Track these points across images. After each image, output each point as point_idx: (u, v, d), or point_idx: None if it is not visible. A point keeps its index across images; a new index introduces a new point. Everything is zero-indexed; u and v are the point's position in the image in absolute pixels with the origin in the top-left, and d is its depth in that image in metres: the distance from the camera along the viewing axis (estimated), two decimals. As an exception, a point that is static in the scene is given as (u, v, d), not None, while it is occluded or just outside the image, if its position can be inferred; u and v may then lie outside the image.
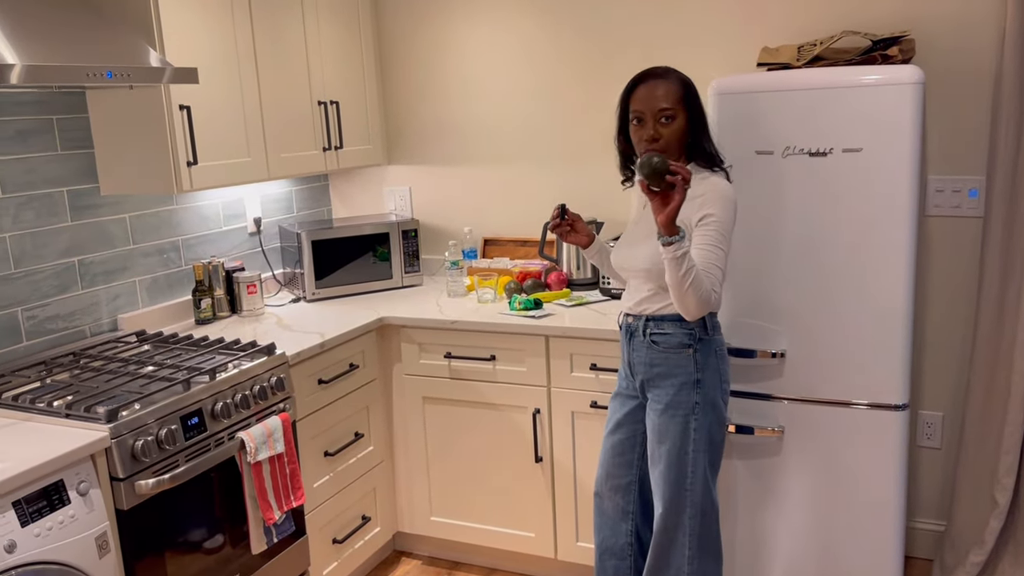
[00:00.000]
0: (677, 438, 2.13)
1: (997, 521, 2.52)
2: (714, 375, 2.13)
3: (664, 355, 2.14)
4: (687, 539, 2.18)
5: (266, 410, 2.39)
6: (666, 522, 2.18)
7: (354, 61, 3.31)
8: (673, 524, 2.18)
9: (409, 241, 3.31)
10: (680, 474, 2.14)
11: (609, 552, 2.37)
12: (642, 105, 2.09)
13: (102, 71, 2.09)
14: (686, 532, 2.18)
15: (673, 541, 2.19)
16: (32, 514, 1.77)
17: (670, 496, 2.16)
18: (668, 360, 2.13)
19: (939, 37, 2.66)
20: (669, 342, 2.13)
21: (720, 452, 2.21)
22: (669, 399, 2.14)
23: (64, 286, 2.56)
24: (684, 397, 2.12)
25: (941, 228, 2.77)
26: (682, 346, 2.12)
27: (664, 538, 2.20)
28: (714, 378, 2.13)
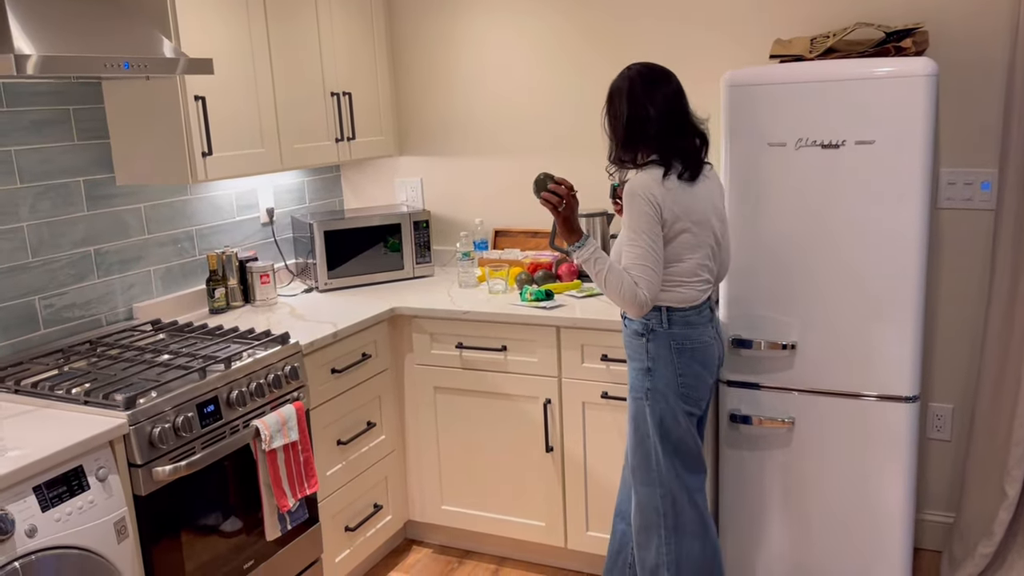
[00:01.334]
0: (638, 420, 2.26)
1: (1006, 513, 2.53)
2: (667, 367, 2.18)
3: (628, 340, 2.27)
4: (661, 519, 2.28)
5: (280, 399, 2.41)
6: (639, 500, 2.30)
7: (366, 52, 3.32)
8: (646, 503, 2.29)
9: (420, 232, 3.33)
10: (645, 455, 2.26)
11: (620, 515, 2.48)
12: None
13: (119, 62, 2.11)
14: (659, 512, 2.27)
15: (649, 521, 2.29)
16: (52, 499, 1.80)
17: (640, 476, 2.28)
18: (630, 345, 2.26)
19: (952, 29, 2.65)
20: (630, 329, 2.25)
21: (683, 442, 2.24)
22: (631, 382, 2.27)
23: (80, 275, 2.59)
24: (639, 382, 2.24)
25: (953, 221, 2.77)
26: (637, 335, 2.22)
27: (640, 517, 2.30)
28: (667, 371, 2.18)
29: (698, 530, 2.28)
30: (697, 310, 2.20)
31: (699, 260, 2.16)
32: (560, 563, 3.00)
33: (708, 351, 2.22)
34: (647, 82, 2.13)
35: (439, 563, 3.06)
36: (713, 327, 2.26)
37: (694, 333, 2.19)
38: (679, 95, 2.16)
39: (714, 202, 2.21)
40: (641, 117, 2.12)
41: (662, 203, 2.08)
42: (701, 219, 2.15)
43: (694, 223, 2.13)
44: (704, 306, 2.22)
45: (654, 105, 2.11)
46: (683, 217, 2.11)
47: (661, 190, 2.09)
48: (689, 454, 2.26)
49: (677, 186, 2.11)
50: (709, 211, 2.18)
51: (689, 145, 2.16)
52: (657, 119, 2.11)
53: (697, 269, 2.17)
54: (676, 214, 2.10)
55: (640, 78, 2.14)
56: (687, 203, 2.11)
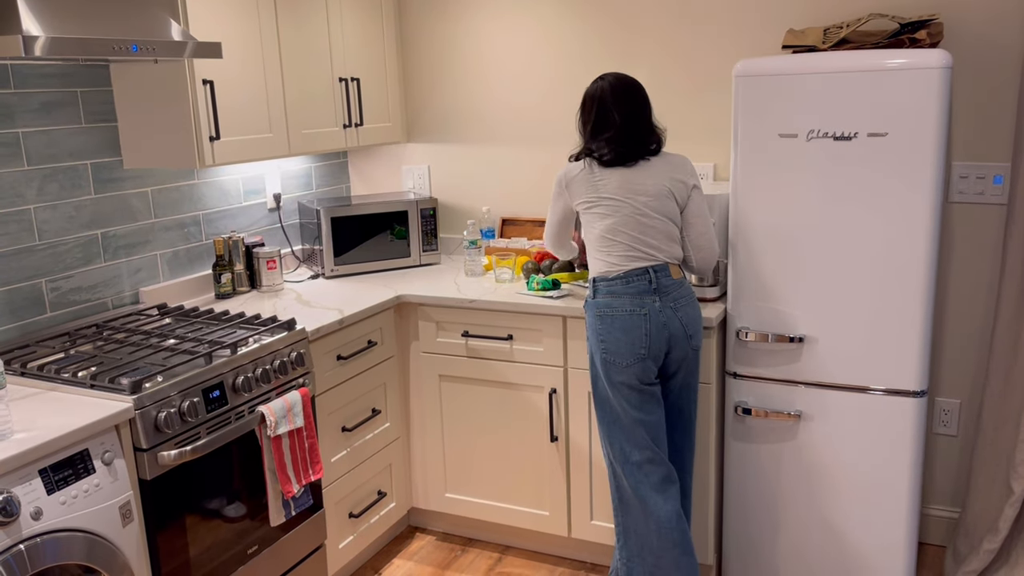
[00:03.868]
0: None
1: (1012, 509, 2.52)
2: (594, 335, 2.35)
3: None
4: (613, 488, 2.43)
5: (286, 385, 2.41)
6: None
7: (375, 38, 3.30)
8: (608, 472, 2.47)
9: (427, 220, 3.32)
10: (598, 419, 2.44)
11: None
12: None
13: (127, 44, 2.10)
14: (610, 483, 2.44)
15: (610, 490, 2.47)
16: (58, 482, 1.80)
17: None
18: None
19: (967, 21, 2.62)
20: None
21: (612, 411, 2.34)
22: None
23: (87, 258, 2.59)
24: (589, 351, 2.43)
25: (964, 215, 2.75)
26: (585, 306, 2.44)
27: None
28: (593, 337, 2.35)
29: (636, 506, 2.35)
30: (624, 280, 2.30)
31: (609, 226, 2.32)
32: (564, 552, 3.00)
33: (634, 320, 2.28)
34: (616, 94, 2.36)
35: (442, 551, 3.07)
36: (662, 301, 2.29)
37: (616, 302, 2.31)
38: (642, 109, 2.37)
39: (642, 180, 2.33)
40: (605, 125, 2.36)
41: (569, 185, 2.42)
42: (615, 195, 2.33)
43: (605, 198, 2.33)
44: (636, 276, 2.29)
45: (618, 115, 2.35)
46: (591, 193, 2.36)
47: (571, 175, 2.41)
48: (617, 424, 2.34)
49: (591, 170, 2.37)
50: (629, 187, 2.32)
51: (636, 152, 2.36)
52: (617, 126, 2.35)
53: (606, 234, 2.33)
54: (582, 192, 2.38)
55: (611, 89, 2.37)
56: (598, 183, 2.35)
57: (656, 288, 2.29)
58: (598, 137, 2.37)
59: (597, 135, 2.37)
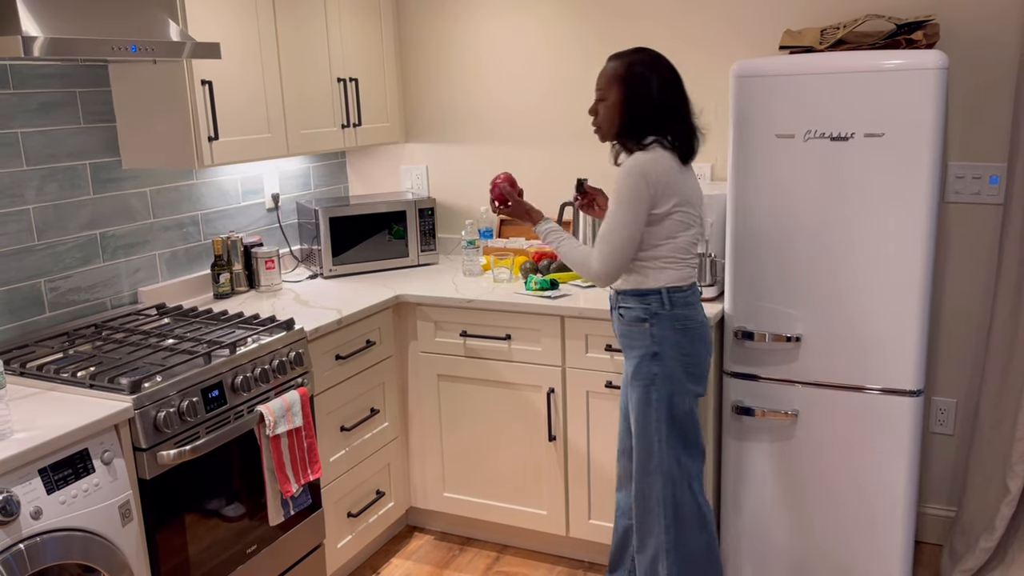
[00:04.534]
0: (641, 407, 2.25)
1: (1008, 508, 2.53)
2: (673, 349, 2.21)
3: (627, 328, 2.26)
4: (661, 508, 2.28)
5: (285, 384, 2.41)
6: (640, 487, 2.31)
7: (373, 38, 3.31)
8: (648, 492, 2.29)
9: (425, 219, 3.32)
10: (648, 442, 2.26)
11: (621, 511, 2.50)
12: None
13: (126, 45, 2.10)
14: (659, 501, 2.28)
15: (649, 509, 2.30)
16: (57, 482, 1.81)
17: (640, 463, 2.29)
18: (631, 333, 2.25)
19: (963, 22, 2.63)
20: (630, 316, 2.25)
21: (688, 424, 2.27)
22: (632, 369, 2.26)
23: (86, 258, 2.59)
24: (644, 369, 2.23)
25: (960, 215, 2.76)
26: (639, 320, 2.22)
27: (641, 504, 2.31)
28: (673, 352, 2.21)
29: (696, 520, 2.30)
30: (692, 290, 2.26)
31: (690, 238, 2.22)
32: (562, 551, 3.01)
33: (706, 330, 2.26)
34: (655, 69, 2.16)
35: (440, 550, 3.07)
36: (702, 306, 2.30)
37: (692, 313, 2.24)
38: (680, 83, 2.21)
39: (698, 186, 2.27)
40: (653, 102, 2.16)
41: (657, 183, 2.12)
42: (692, 200, 2.20)
43: (686, 203, 2.18)
44: (696, 286, 2.28)
45: (663, 92, 2.16)
46: (676, 196, 2.15)
47: (658, 170, 2.12)
48: (690, 438, 2.28)
49: (675, 167, 2.16)
50: (698, 194, 2.24)
51: (687, 130, 2.20)
52: (665, 105, 2.16)
53: (689, 247, 2.22)
54: (670, 193, 2.14)
55: (664, 67, 2.17)
56: (681, 184, 2.16)
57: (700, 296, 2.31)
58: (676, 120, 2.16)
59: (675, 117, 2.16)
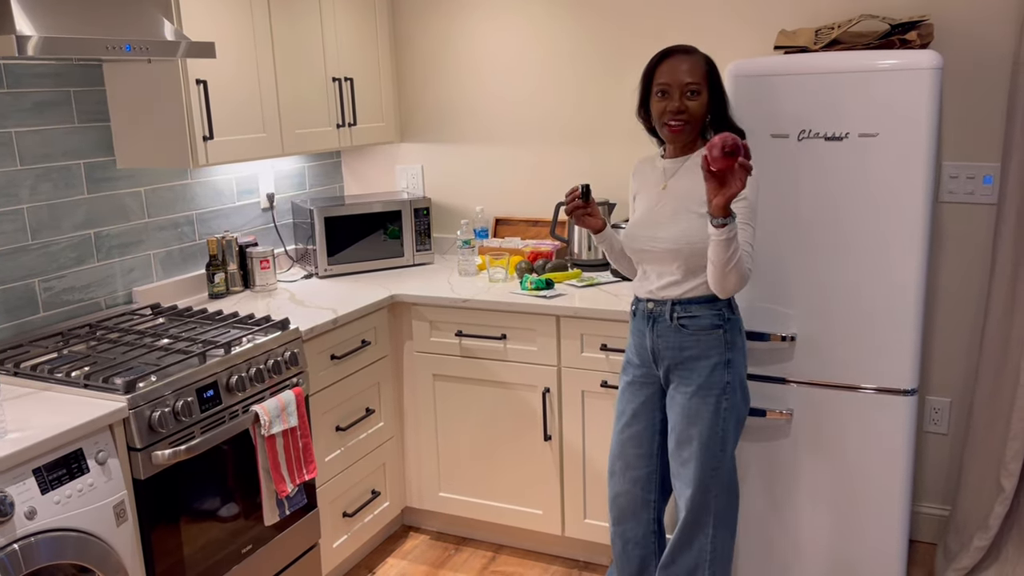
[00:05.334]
0: (709, 419, 2.15)
1: (1002, 507, 2.54)
2: (740, 354, 2.18)
3: (695, 337, 2.15)
4: (711, 518, 2.21)
5: (280, 384, 2.41)
6: (695, 503, 2.20)
7: (369, 38, 3.31)
8: (702, 504, 2.20)
9: (421, 219, 3.32)
10: (712, 455, 2.16)
11: (633, 542, 2.36)
12: (668, 78, 2.11)
13: (120, 44, 2.10)
14: (711, 512, 2.21)
15: (699, 521, 2.21)
16: (52, 482, 1.80)
17: (701, 478, 2.17)
18: (700, 342, 2.14)
19: (957, 22, 2.64)
20: (699, 324, 2.14)
21: (740, 431, 2.25)
22: (702, 381, 2.15)
23: (80, 258, 2.58)
24: (716, 378, 2.14)
25: (954, 214, 2.77)
26: (713, 327, 2.14)
27: (691, 518, 2.21)
28: (740, 357, 2.18)
29: (735, 528, 2.28)
30: None
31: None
32: (557, 551, 3.01)
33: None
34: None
35: (436, 549, 3.07)
36: None
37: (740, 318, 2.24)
38: None
39: None
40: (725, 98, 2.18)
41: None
42: None
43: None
44: None
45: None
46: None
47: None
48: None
49: None
50: None
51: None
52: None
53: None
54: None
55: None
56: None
57: None
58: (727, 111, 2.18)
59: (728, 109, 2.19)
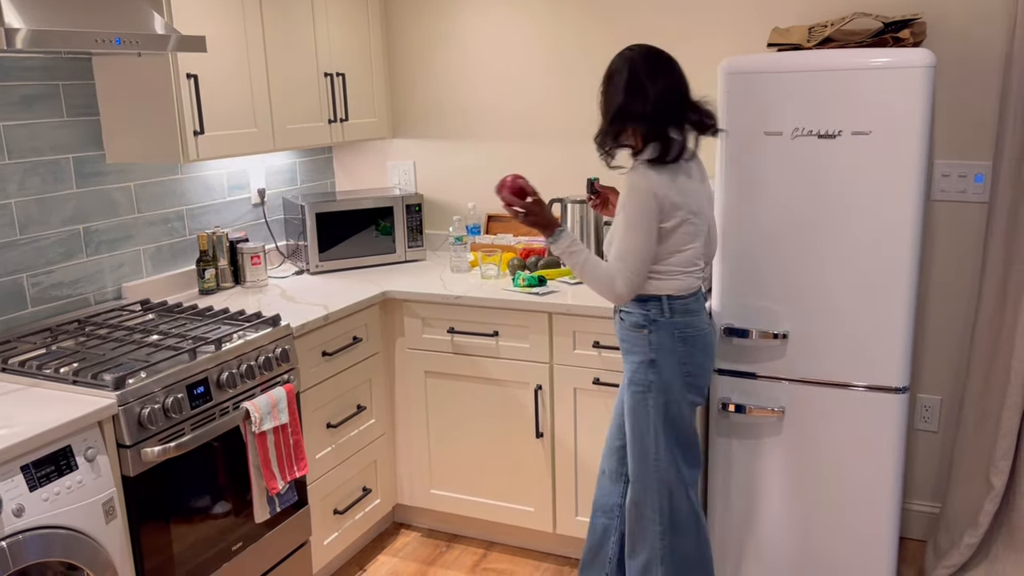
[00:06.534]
0: (637, 414, 2.22)
1: (992, 504, 2.55)
2: (671, 357, 2.17)
3: (627, 333, 2.23)
4: (656, 515, 2.26)
5: (271, 381, 2.40)
6: (635, 496, 2.28)
7: (361, 33, 3.29)
8: (641, 499, 2.26)
9: (413, 216, 3.31)
10: (643, 450, 2.23)
11: (601, 510, 2.45)
12: None
13: (110, 37, 2.08)
14: (655, 508, 2.25)
15: (643, 516, 2.27)
16: (40, 479, 1.79)
17: (636, 471, 2.26)
18: (629, 338, 2.23)
19: (950, 20, 2.65)
20: (629, 321, 2.22)
21: (685, 434, 2.24)
22: (630, 376, 2.23)
23: (69, 253, 2.56)
24: (641, 375, 2.20)
25: (946, 213, 2.78)
26: (638, 326, 2.19)
27: (634, 512, 2.28)
28: (671, 360, 2.17)
29: (691, 526, 2.28)
30: (695, 297, 2.22)
31: (697, 249, 2.19)
32: (548, 548, 3.01)
33: (708, 338, 2.24)
34: (647, 67, 2.08)
35: (427, 547, 3.07)
36: (707, 313, 2.28)
37: (695, 321, 2.20)
38: (680, 82, 2.11)
39: (708, 189, 2.25)
40: (636, 102, 2.07)
41: (664, 196, 2.06)
42: (698, 208, 2.16)
43: (693, 213, 2.13)
44: (699, 293, 2.24)
45: (652, 90, 2.06)
46: (683, 207, 2.10)
47: (663, 183, 2.06)
48: (689, 446, 2.26)
49: (677, 176, 2.10)
50: (704, 199, 2.20)
51: (680, 133, 2.12)
52: (653, 105, 2.06)
53: (695, 258, 2.20)
54: (677, 205, 2.09)
55: (642, 61, 2.08)
56: (687, 193, 2.11)
57: (706, 300, 2.29)
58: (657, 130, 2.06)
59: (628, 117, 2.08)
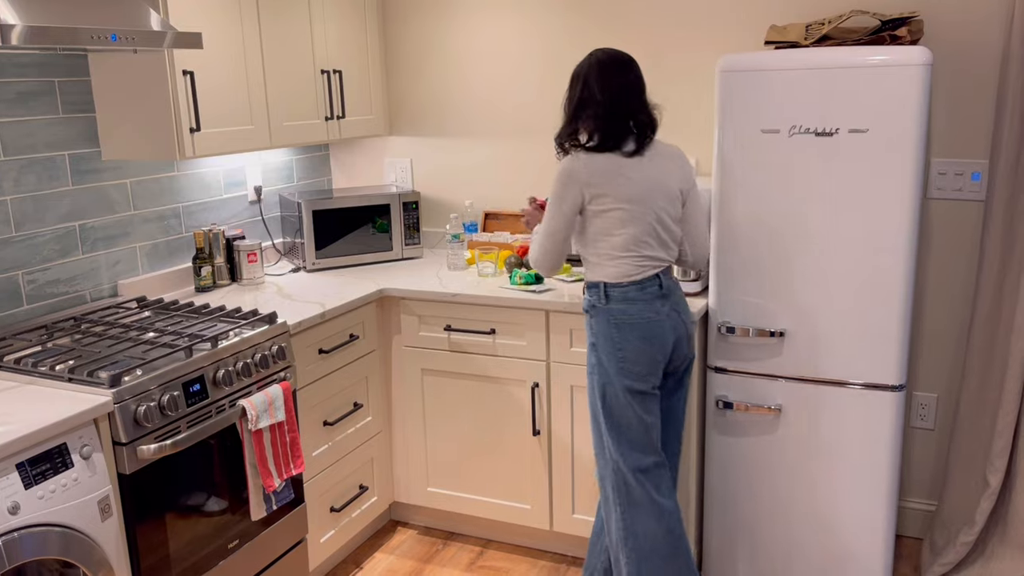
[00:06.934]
0: (590, 394, 2.34)
1: (988, 502, 2.55)
2: (607, 342, 2.25)
3: (583, 316, 2.42)
4: (614, 494, 2.32)
5: (267, 378, 2.39)
6: (599, 472, 2.37)
7: (358, 30, 3.28)
8: (603, 475, 2.35)
9: (410, 213, 3.30)
10: (596, 429, 2.34)
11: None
12: None
13: (106, 33, 2.07)
14: (613, 487, 2.32)
15: (607, 496, 2.35)
16: (36, 476, 1.78)
17: (596, 450, 2.37)
18: (585, 321, 2.36)
19: (947, 19, 2.65)
20: (583, 305, 2.36)
21: (624, 419, 2.26)
22: (587, 358, 2.35)
23: (65, 251, 2.56)
24: (590, 357, 2.32)
25: (943, 211, 2.78)
26: (585, 311, 2.34)
27: (601, 490, 2.38)
28: (607, 345, 2.25)
29: (649, 509, 2.30)
30: (639, 286, 2.23)
31: (632, 235, 2.21)
32: (545, 546, 3.01)
33: (651, 327, 2.23)
34: (604, 68, 2.22)
35: (424, 544, 3.07)
36: (669, 305, 2.26)
37: (633, 308, 2.23)
38: (633, 83, 2.23)
39: (663, 182, 2.25)
40: (589, 101, 2.22)
41: (585, 181, 2.19)
42: (636, 197, 2.20)
43: (626, 201, 2.19)
44: (649, 283, 2.24)
45: (604, 91, 2.20)
46: (611, 194, 2.19)
47: (588, 169, 2.19)
48: (630, 432, 2.26)
49: (611, 165, 2.19)
50: (651, 191, 2.22)
51: (624, 130, 2.22)
52: (602, 104, 2.20)
53: (630, 244, 2.22)
54: (601, 193, 2.19)
55: (599, 64, 2.22)
56: (617, 183, 2.19)
57: (665, 293, 2.26)
58: (582, 114, 2.22)
59: (581, 112, 2.22)
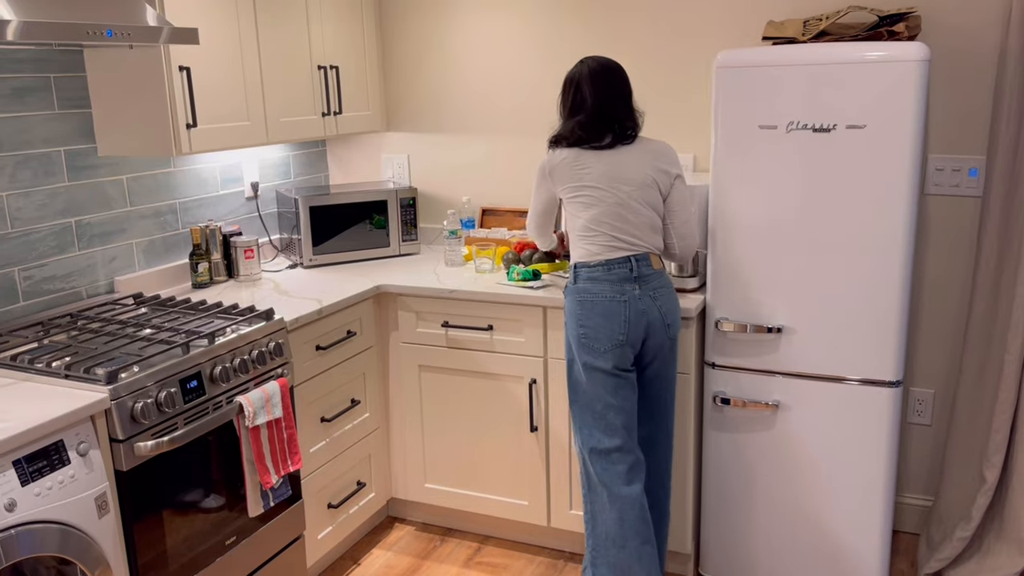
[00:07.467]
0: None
1: (984, 498, 2.56)
2: (571, 318, 2.36)
3: None
4: (582, 475, 2.44)
5: (264, 375, 2.39)
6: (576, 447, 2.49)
7: (355, 25, 3.27)
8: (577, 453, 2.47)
9: (407, 209, 3.30)
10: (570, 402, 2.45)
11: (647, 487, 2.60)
12: None
13: (102, 29, 2.06)
14: (581, 467, 2.44)
15: (581, 472, 2.46)
16: (32, 473, 1.78)
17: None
18: None
19: (945, 14, 2.65)
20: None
21: (586, 396, 2.35)
22: None
23: (61, 247, 2.55)
24: (564, 337, 2.46)
25: (940, 207, 2.78)
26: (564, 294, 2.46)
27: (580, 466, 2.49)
28: (571, 321, 2.36)
29: (602, 492, 2.37)
30: (606, 267, 2.31)
31: (593, 215, 2.33)
32: (543, 542, 3.01)
33: (614, 306, 2.30)
34: (595, 77, 2.36)
35: (421, 541, 3.07)
36: (641, 289, 2.31)
37: (596, 287, 2.32)
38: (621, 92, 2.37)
39: (629, 168, 2.34)
40: (580, 107, 2.37)
41: (552, 170, 2.40)
42: (596, 183, 2.33)
43: (589, 187, 2.34)
44: (618, 264, 2.31)
45: (595, 98, 2.35)
46: (576, 180, 2.35)
47: (558, 161, 2.39)
48: (591, 411, 2.34)
49: (568, 158, 2.36)
50: (612, 176, 2.33)
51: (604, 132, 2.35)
52: (591, 111, 2.35)
53: (591, 224, 2.33)
54: (564, 182, 2.38)
55: (591, 73, 2.36)
56: (575, 172, 2.36)
57: (637, 276, 2.31)
58: (572, 119, 2.39)
59: (572, 117, 2.39)
